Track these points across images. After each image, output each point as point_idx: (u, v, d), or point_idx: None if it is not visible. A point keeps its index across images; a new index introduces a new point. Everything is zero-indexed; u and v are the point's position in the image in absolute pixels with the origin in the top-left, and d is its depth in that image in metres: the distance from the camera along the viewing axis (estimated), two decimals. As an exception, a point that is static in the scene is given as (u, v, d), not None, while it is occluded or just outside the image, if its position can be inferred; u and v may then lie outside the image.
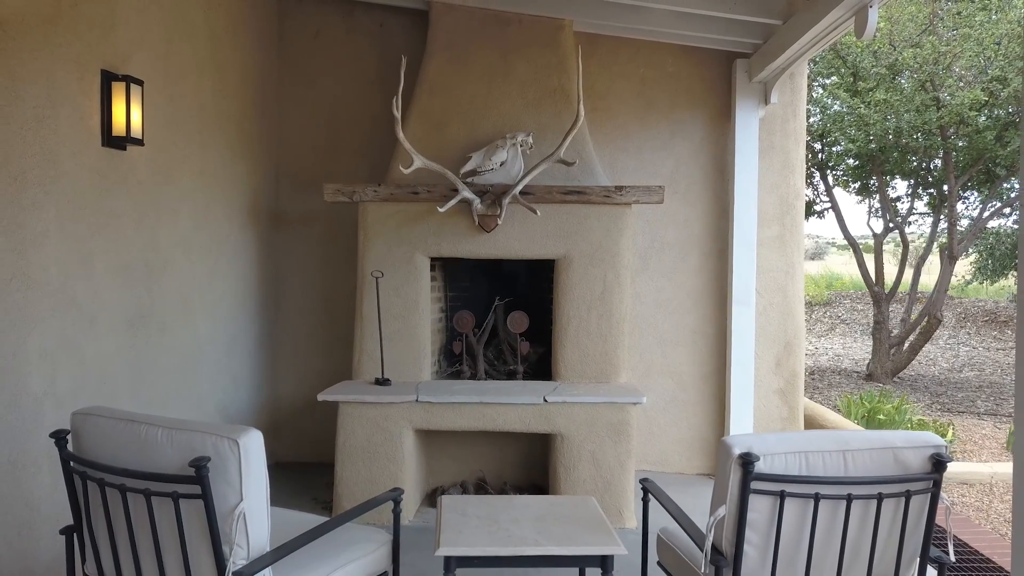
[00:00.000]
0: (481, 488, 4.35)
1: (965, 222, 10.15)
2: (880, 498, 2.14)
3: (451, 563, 2.14)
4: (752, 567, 2.16)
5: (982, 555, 3.78)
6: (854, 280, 17.43)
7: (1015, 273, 12.66)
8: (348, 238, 5.00)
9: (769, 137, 5.01)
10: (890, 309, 10.05)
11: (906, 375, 10.06)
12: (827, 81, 9.32)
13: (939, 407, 8.31)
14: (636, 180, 4.98)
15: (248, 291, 4.76)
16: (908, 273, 10.48)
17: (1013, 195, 9.28)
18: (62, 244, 2.97)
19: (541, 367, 4.67)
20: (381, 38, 5.16)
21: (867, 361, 10.45)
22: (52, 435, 2.14)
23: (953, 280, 15.08)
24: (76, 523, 2.20)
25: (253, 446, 1.97)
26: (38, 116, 2.86)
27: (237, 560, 1.96)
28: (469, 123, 4.51)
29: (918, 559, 2.23)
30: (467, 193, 4.16)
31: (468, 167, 4.27)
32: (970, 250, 11.61)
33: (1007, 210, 10.00)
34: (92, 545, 2.16)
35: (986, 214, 9.56)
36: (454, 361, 4.73)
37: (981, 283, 13.51)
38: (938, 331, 12.02)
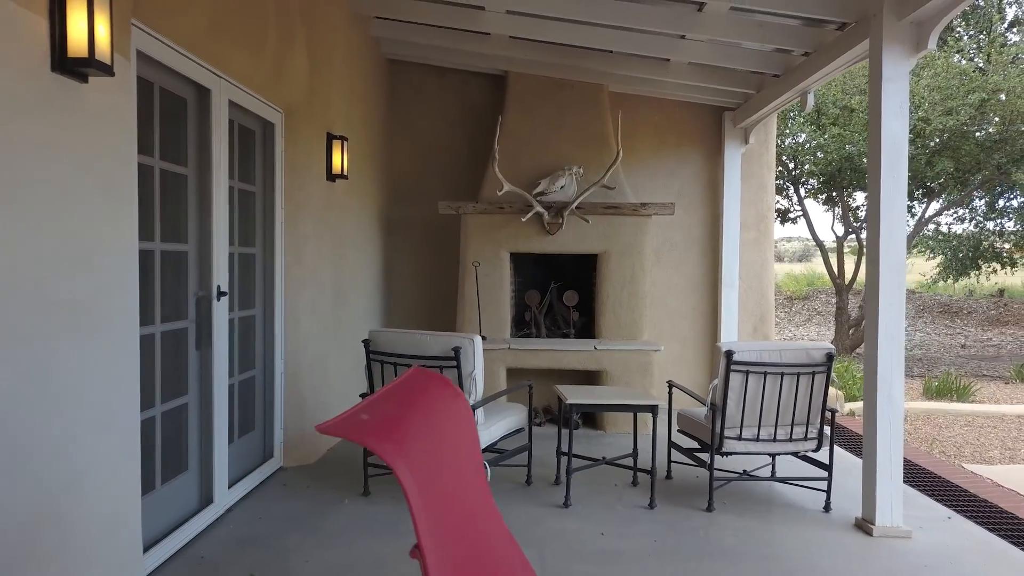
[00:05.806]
0: (548, 412, 6.25)
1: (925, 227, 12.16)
2: (798, 376, 4.05)
3: (573, 408, 4.06)
4: (732, 413, 4.07)
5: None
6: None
7: (976, 272, 14.66)
8: (434, 238, 6.92)
9: (748, 167, 6.94)
10: (850, 299, 12.04)
11: (862, 351, 12.05)
12: (798, 115, 11.34)
13: (886, 375, 10.29)
14: (652, 197, 6.89)
15: (377, 277, 6.64)
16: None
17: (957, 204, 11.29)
18: (313, 242, 4.85)
19: (584, 330, 6.57)
20: (463, 92, 7.06)
21: (831, 340, 12.45)
22: (363, 341, 4.03)
23: (920, 278, 17.06)
24: (371, 389, 4.08)
25: (479, 342, 3.87)
26: (301, 165, 4.73)
27: (471, 399, 3.85)
28: (535, 158, 6.40)
29: (820, 412, 4.15)
30: (539, 208, 6.06)
31: (538, 189, 6.16)
32: (935, 253, 13.45)
33: (966, 214, 12.05)
34: (383, 400, 4.04)
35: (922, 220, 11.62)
36: (522, 326, 6.62)
37: (946, 280, 15.37)
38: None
